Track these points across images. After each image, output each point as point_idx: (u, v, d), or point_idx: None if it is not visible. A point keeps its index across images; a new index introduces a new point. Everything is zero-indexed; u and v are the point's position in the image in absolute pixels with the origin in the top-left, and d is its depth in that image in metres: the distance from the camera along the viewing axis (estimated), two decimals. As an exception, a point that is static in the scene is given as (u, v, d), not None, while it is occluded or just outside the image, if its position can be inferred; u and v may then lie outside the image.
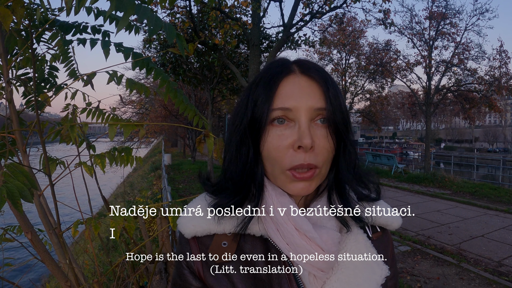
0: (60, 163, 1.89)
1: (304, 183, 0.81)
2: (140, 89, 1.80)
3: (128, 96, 28.83)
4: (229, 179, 0.89)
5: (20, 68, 1.88)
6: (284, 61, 0.89)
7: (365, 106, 26.97)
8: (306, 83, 0.83)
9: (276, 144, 0.81)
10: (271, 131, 0.82)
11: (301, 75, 0.85)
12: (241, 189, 0.87)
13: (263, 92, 0.83)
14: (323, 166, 0.82)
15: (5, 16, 1.17)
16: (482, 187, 14.44)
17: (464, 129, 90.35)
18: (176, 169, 20.96)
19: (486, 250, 7.22)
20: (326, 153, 0.81)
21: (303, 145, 0.77)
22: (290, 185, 0.82)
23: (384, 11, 11.56)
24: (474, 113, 22.02)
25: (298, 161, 0.78)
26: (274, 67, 0.87)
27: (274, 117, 0.81)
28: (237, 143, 0.87)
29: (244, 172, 0.86)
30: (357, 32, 24.00)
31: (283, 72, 0.85)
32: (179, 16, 11.24)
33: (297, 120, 0.81)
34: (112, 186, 18.34)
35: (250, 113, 0.84)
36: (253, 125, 0.84)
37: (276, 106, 0.81)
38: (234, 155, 0.88)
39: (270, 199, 0.85)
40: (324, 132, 0.81)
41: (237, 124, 0.88)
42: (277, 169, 0.82)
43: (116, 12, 0.95)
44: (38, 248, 1.53)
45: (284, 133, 0.81)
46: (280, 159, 0.81)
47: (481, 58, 19.06)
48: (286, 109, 0.81)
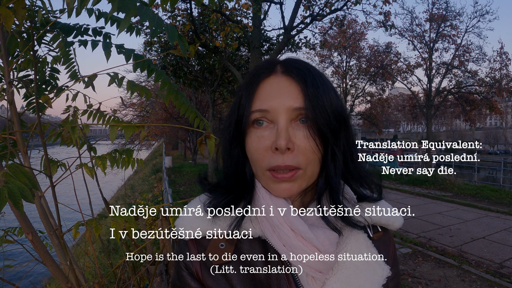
0: (61, 165, 1.89)
1: (286, 184, 0.80)
2: (141, 91, 1.81)
3: (129, 99, 28.88)
4: (225, 178, 0.91)
5: (21, 70, 1.88)
6: (270, 62, 0.88)
7: (365, 108, 27.00)
8: (285, 83, 0.82)
9: (255, 146, 0.81)
10: (251, 133, 0.82)
11: (281, 75, 0.84)
12: (235, 188, 0.87)
13: (245, 93, 0.84)
14: (307, 167, 0.80)
15: (6, 17, 1.18)
16: (483, 189, 14.43)
17: (465, 131, 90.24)
18: (177, 171, 20.97)
19: (487, 252, 7.21)
20: (308, 153, 0.79)
21: (277, 147, 0.76)
22: (273, 186, 0.81)
23: (385, 13, 11.59)
24: (475, 115, 22.06)
25: (275, 162, 0.78)
26: (258, 68, 0.87)
27: (254, 119, 0.81)
28: (228, 144, 0.88)
29: (236, 172, 0.87)
30: (357, 34, 24.05)
31: (264, 73, 0.85)
32: (180, 19, 11.27)
33: (275, 121, 0.80)
34: (113, 189, 18.37)
35: (236, 114, 0.85)
36: (238, 127, 0.84)
37: (255, 108, 0.81)
38: (227, 156, 0.89)
39: (264, 199, 0.84)
40: (305, 132, 0.79)
41: (227, 125, 0.89)
42: (258, 170, 0.82)
43: (118, 13, 0.95)
44: (38, 249, 1.53)
45: (263, 134, 0.80)
46: (259, 160, 0.80)
47: (481, 60, 19.13)
48: (264, 111, 0.80)
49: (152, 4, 1.13)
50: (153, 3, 1.09)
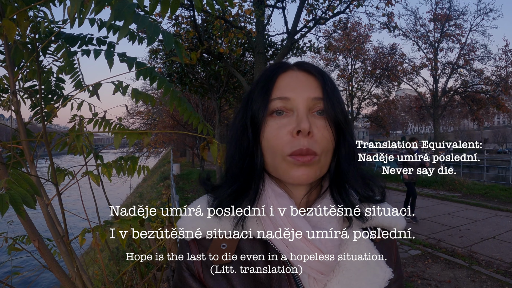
0: (69, 173, 1.91)
1: (305, 168, 0.81)
2: (146, 99, 1.83)
3: (136, 107, 28.98)
4: (228, 174, 0.91)
5: (27, 81, 1.91)
6: (282, 62, 0.92)
7: (372, 111, 26.90)
8: (303, 77, 0.87)
9: (275, 132, 0.82)
10: (270, 122, 0.84)
11: (298, 71, 0.88)
12: (240, 181, 0.87)
13: (262, 87, 0.86)
14: (322, 154, 0.82)
15: (9, 28, 1.20)
16: (493, 189, 14.33)
17: (473, 131, 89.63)
18: (185, 178, 21.01)
19: (497, 252, 7.16)
20: (325, 142, 0.82)
21: (301, 129, 0.78)
22: (291, 171, 0.82)
23: (388, 14, 11.59)
24: (482, 114, 21.96)
25: (297, 145, 0.79)
26: (272, 67, 0.91)
27: (273, 109, 0.84)
28: (237, 139, 0.89)
29: (244, 165, 0.87)
30: (362, 37, 24.02)
31: (281, 68, 0.89)
32: (184, 26, 11.33)
33: (295, 109, 0.83)
34: (122, 197, 18.45)
35: (250, 110, 0.87)
36: (253, 119, 0.86)
37: (275, 96, 0.84)
38: (234, 150, 0.89)
39: (269, 199, 0.85)
40: (323, 122, 0.83)
41: (238, 120, 0.91)
42: (278, 157, 0.83)
43: (115, 22, 0.97)
44: (45, 256, 1.55)
45: (282, 121, 0.83)
46: (280, 146, 0.82)
47: (487, 58, 19.03)
48: (285, 98, 0.83)
49: (153, 12, 1.15)
50: (154, 11, 1.11)
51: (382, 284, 0.87)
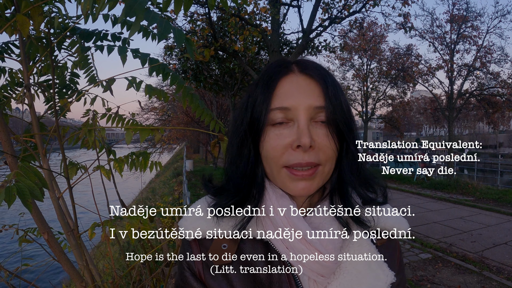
0: (81, 167, 1.93)
1: (305, 182, 0.80)
2: (159, 95, 1.83)
3: (150, 103, 29.14)
4: (230, 180, 0.89)
5: (42, 75, 1.93)
6: (283, 61, 0.89)
7: (387, 112, 26.78)
8: (304, 82, 0.83)
9: (274, 143, 0.80)
10: (269, 131, 0.82)
11: (300, 74, 0.85)
12: (241, 190, 0.86)
13: (262, 92, 0.83)
14: (326, 163, 0.81)
15: (23, 23, 1.22)
16: (506, 194, 14.11)
17: (488, 135, 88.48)
18: (197, 175, 21.03)
19: (509, 258, 7.06)
20: (328, 151, 0.80)
21: (301, 144, 0.77)
22: (290, 185, 0.81)
23: (404, 15, 11.51)
24: (498, 118, 21.68)
25: (295, 160, 0.78)
26: (273, 67, 0.87)
27: (273, 117, 0.81)
28: (238, 145, 0.87)
29: (245, 173, 0.86)
30: (377, 37, 23.92)
31: (282, 72, 0.85)
32: (199, 23, 11.35)
33: (296, 120, 0.80)
34: (135, 192, 18.54)
35: (250, 114, 0.84)
36: (252, 126, 0.84)
37: (274, 106, 0.81)
38: (235, 156, 0.88)
39: (270, 200, 0.84)
40: (325, 131, 0.81)
41: (238, 125, 0.88)
42: (274, 168, 0.82)
43: (129, 18, 0.98)
44: (54, 248, 1.56)
45: (282, 132, 0.80)
46: (277, 158, 0.80)
47: (503, 61, 18.87)
48: (285, 109, 0.80)
49: (166, 9, 1.16)
50: (167, 7, 1.11)
51: (384, 287, 0.86)
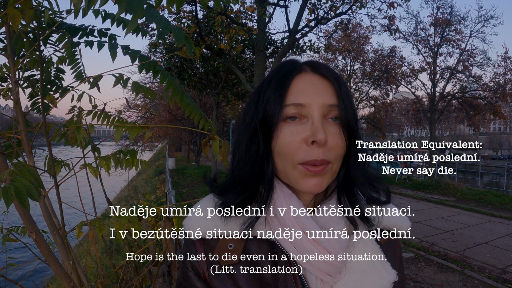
0: (65, 165, 1.90)
1: (317, 178, 0.80)
2: (146, 92, 1.81)
3: (133, 100, 28.94)
4: (237, 178, 0.88)
5: (26, 70, 1.89)
6: (295, 61, 0.90)
7: (369, 112, 26.96)
8: (318, 81, 0.84)
9: (288, 139, 0.81)
10: (283, 128, 0.82)
11: (313, 73, 0.86)
12: (249, 188, 0.85)
13: (275, 89, 0.83)
14: (335, 162, 0.82)
15: (14, 17, 1.18)
16: (487, 194, 14.38)
17: (468, 136, 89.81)
18: (180, 173, 20.97)
19: (490, 257, 7.18)
20: (339, 149, 0.82)
21: (317, 140, 0.77)
22: (302, 181, 0.81)
23: (389, 17, 11.62)
24: (479, 120, 22.02)
25: (311, 156, 0.78)
26: (285, 66, 0.88)
27: (287, 115, 0.82)
28: (247, 142, 0.86)
29: (253, 170, 0.85)
30: (362, 38, 24.08)
31: (295, 70, 0.86)
32: (185, 21, 11.30)
33: (310, 116, 0.81)
34: (116, 190, 18.39)
35: (262, 111, 0.84)
36: (264, 123, 0.83)
37: (289, 102, 0.81)
38: (243, 154, 0.87)
39: (278, 200, 0.84)
40: (337, 129, 0.82)
41: (247, 123, 0.87)
42: (289, 165, 0.82)
43: (126, 14, 0.95)
44: (42, 248, 1.53)
45: (296, 128, 0.81)
46: (292, 154, 0.80)
47: (486, 64, 19.14)
48: (299, 105, 0.81)
49: (158, 5, 1.14)
50: (159, 4, 1.09)
51: (387, 286, 0.86)
